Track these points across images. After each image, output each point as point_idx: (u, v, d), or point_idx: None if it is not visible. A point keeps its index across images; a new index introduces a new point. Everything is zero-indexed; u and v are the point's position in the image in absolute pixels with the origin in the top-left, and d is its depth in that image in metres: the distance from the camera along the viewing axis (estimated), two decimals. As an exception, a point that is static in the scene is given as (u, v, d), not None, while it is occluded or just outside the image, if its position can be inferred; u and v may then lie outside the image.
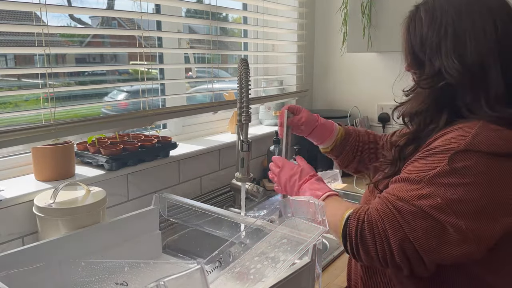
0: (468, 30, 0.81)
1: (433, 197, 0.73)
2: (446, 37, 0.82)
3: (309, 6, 2.24)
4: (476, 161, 0.73)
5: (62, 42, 1.52)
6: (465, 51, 0.80)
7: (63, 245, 0.98)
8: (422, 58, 0.86)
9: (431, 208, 0.73)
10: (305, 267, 0.85)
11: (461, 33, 0.81)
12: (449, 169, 0.74)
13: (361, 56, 2.17)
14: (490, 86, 0.79)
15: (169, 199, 1.20)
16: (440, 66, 0.82)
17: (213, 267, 0.82)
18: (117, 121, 1.34)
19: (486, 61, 0.79)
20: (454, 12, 0.82)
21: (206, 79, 1.78)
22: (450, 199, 0.73)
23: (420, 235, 0.73)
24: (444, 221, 0.73)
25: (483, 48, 0.80)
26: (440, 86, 0.82)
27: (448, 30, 0.82)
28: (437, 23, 0.84)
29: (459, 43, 0.81)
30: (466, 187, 0.73)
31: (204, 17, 1.71)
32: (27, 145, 1.13)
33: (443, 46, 0.82)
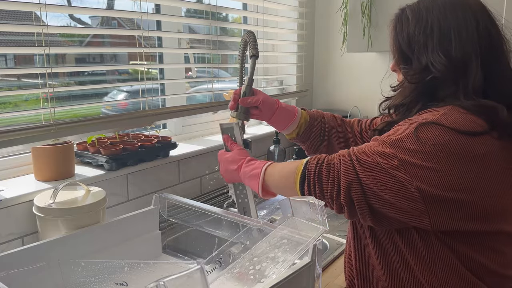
0: (453, 27, 0.87)
1: (391, 157, 0.80)
2: (432, 34, 0.88)
3: (309, 6, 2.24)
4: (439, 133, 0.79)
5: (62, 42, 1.52)
6: (450, 46, 0.86)
7: (63, 245, 0.98)
8: (410, 55, 0.91)
9: (388, 166, 0.80)
10: (305, 267, 0.85)
11: (446, 30, 0.87)
12: (413, 136, 0.80)
13: (361, 56, 2.17)
14: (470, 78, 0.85)
15: (169, 199, 1.20)
16: (427, 61, 0.87)
17: (213, 267, 0.82)
18: (117, 121, 1.34)
19: (469, 56, 0.85)
20: (438, 11, 0.88)
21: (206, 79, 1.78)
22: (406, 161, 0.79)
23: (371, 182, 0.80)
24: (398, 177, 0.79)
25: (466, 44, 0.86)
26: (426, 80, 0.88)
27: (434, 28, 0.88)
28: (423, 22, 0.89)
29: (444, 39, 0.87)
30: (424, 155, 0.78)
31: (204, 17, 1.71)
32: (27, 145, 1.13)
33: (430, 43, 0.88)
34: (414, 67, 0.90)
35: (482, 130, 0.80)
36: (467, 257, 0.84)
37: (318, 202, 0.86)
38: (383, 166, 0.80)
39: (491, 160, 0.80)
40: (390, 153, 0.80)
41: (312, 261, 0.87)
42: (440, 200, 0.78)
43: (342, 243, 1.36)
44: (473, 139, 0.79)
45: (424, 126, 0.81)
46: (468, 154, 0.78)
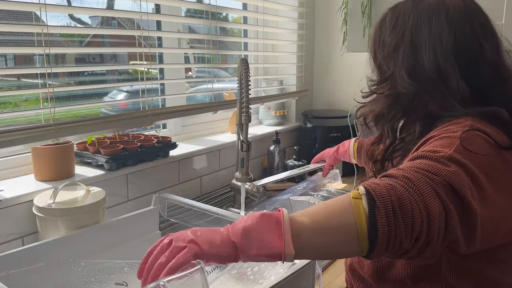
0: (425, 38, 0.82)
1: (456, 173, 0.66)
2: (402, 44, 0.84)
3: (309, 6, 2.24)
4: (485, 145, 0.72)
5: (62, 42, 1.52)
6: (422, 60, 0.82)
7: (63, 245, 0.97)
8: (381, 62, 0.88)
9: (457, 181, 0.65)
10: (305, 267, 0.85)
11: (418, 42, 0.83)
12: (462, 148, 0.70)
13: (361, 56, 2.16)
14: (453, 90, 0.80)
15: (169, 199, 1.20)
16: (392, 73, 0.84)
17: (213, 267, 0.82)
18: (117, 121, 1.34)
19: (444, 68, 0.80)
20: (413, 20, 0.84)
21: (206, 79, 1.78)
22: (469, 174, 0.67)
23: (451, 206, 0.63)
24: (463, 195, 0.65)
25: (440, 56, 0.81)
26: (391, 94, 0.83)
27: (404, 37, 0.84)
28: (397, 29, 0.86)
29: (415, 51, 0.82)
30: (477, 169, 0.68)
31: (204, 17, 1.71)
32: (26, 145, 1.13)
33: (399, 53, 0.84)
34: (382, 76, 0.87)
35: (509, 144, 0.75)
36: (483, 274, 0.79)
37: (318, 202, 0.86)
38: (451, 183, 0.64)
39: None
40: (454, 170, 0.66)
41: (312, 261, 0.87)
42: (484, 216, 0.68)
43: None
44: (505, 152, 0.75)
45: (468, 135, 0.72)
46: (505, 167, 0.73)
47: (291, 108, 2.25)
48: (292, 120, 2.25)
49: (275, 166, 1.92)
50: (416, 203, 0.62)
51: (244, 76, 1.11)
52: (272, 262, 0.79)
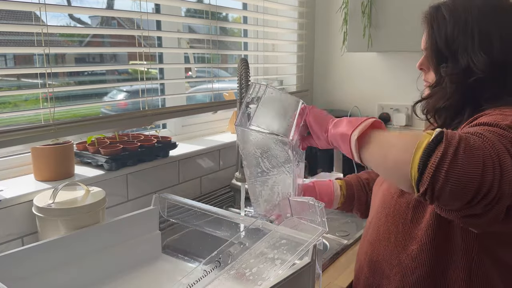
0: (493, 30, 0.85)
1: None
2: (472, 35, 0.85)
3: (309, 6, 2.24)
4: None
5: (62, 42, 1.52)
6: (492, 48, 0.84)
7: (62, 245, 0.97)
8: (448, 55, 0.88)
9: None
10: (306, 267, 0.85)
11: (487, 32, 0.85)
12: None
13: (362, 56, 2.16)
14: (508, 83, 0.84)
15: (169, 199, 1.20)
16: (468, 62, 0.85)
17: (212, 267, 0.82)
18: (117, 121, 1.34)
19: (509, 59, 0.84)
20: (478, 12, 0.86)
21: (206, 79, 1.78)
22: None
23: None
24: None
25: (508, 46, 0.84)
26: (469, 82, 0.84)
27: (474, 29, 0.85)
28: (461, 22, 0.86)
29: (485, 41, 0.84)
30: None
31: (204, 17, 1.71)
32: (26, 145, 1.13)
33: (470, 44, 0.85)
34: (454, 66, 0.87)
35: None
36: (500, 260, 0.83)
37: (318, 203, 0.86)
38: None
39: None
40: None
41: (312, 261, 0.87)
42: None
43: (342, 243, 1.35)
44: None
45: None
46: None
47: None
48: (292, 120, 2.25)
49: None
50: (489, 153, 0.61)
51: (244, 76, 1.11)
52: (271, 263, 0.80)
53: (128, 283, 1.06)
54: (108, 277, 1.06)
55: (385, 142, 0.73)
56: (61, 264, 0.97)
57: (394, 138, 0.72)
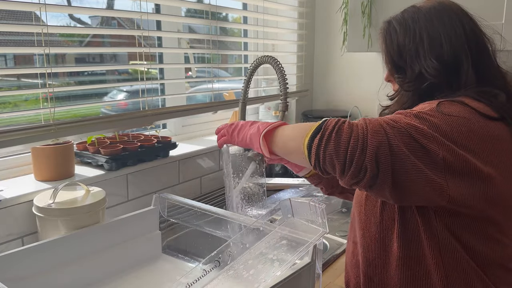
0: (441, 32, 0.90)
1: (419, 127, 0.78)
2: (422, 42, 0.91)
3: (309, 6, 2.24)
4: (460, 109, 0.82)
5: (62, 42, 1.52)
6: (441, 51, 0.89)
7: (63, 245, 0.97)
8: (402, 65, 0.94)
9: (417, 134, 0.77)
10: (305, 267, 0.85)
11: (435, 36, 0.90)
12: (436, 110, 0.81)
13: (361, 56, 2.16)
14: (462, 77, 0.89)
15: (169, 199, 1.20)
16: (420, 68, 0.90)
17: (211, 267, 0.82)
18: (117, 121, 1.34)
19: (459, 57, 0.89)
20: (425, 20, 0.92)
21: (206, 79, 1.78)
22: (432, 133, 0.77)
23: (399, 146, 0.75)
24: (426, 145, 0.76)
25: (457, 46, 0.89)
26: (423, 87, 0.91)
27: (423, 36, 0.91)
28: (411, 31, 0.93)
29: (435, 45, 0.90)
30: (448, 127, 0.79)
31: (204, 17, 1.71)
32: (26, 145, 1.13)
33: (421, 50, 0.91)
34: (408, 75, 0.93)
35: (497, 116, 0.83)
36: (471, 247, 0.85)
37: (318, 204, 0.86)
38: (412, 133, 0.76)
39: (505, 143, 0.83)
40: (418, 123, 0.78)
41: (312, 261, 0.87)
42: (462, 173, 0.78)
43: (342, 243, 1.36)
44: (489, 121, 0.82)
45: (446, 102, 0.83)
46: (487, 133, 0.81)
47: (291, 108, 2.25)
48: (292, 120, 2.25)
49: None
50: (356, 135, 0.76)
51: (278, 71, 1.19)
52: (271, 264, 0.80)
53: (128, 283, 1.06)
54: (108, 277, 1.06)
55: (284, 135, 0.91)
56: (61, 264, 0.97)
57: (291, 131, 0.90)
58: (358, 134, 0.76)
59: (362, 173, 0.76)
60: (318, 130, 0.80)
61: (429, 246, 0.85)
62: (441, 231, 0.84)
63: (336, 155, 0.77)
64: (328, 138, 0.78)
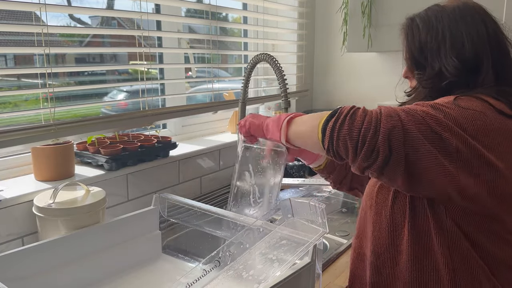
0: (464, 31, 0.91)
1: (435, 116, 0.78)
2: (444, 40, 0.92)
3: (309, 6, 2.24)
4: (477, 104, 0.82)
5: (62, 42, 1.52)
6: (463, 49, 0.90)
7: (63, 245, 0.97)
8: (423, 62, 0.95)
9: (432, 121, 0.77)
10: (306, 267, 0.85)
11: (458, 35, 0.91)
12: (453, 103, 0.81)
13: (361, 56, 2.16)
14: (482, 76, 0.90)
15: (169, 199, 1.20)
16: (440, 66, 0.91)
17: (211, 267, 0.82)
18: (117, 121, 1.34)
19: (480, 56, 0.90)
20: (448, 19, 0.93)
21: (206, 79, 1.78)
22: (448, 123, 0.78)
23: (413, 131, 0.76)
24: (440, 133, 0.76)
25: (478, 45, 0.90)
26: (442, 86, 0.91)
27: (445, 34, 0.92)
28: (434, 30, 0.94)
29: (457, 43, 0.91)
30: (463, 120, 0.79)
31: (204, 17, 1.71)
32: (26, 145, 1.13)
33: (442, 49, 0.92)
34: (427, 72, 0.94)
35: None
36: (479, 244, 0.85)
37: (318, 204, 0.86)
38: (427, 120, 0.77)
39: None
40: (434, 113, 0.78)
41: (312, 261, 0.87)
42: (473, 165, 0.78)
43: (342, 243, 1.36)
44: (505, 118, 0.83)
45: (464, 97, 0.84)
46: (502, 128, 0.81)
47: (291, 108, 2.25)
48: (292, 120, 2.25)
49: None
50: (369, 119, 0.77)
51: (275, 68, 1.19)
52: (271, 264, 0.80)
53: (128, 283, 1.06)
54: (108, 277, 1.06)
55: (300, 122, 0.93)
56: (61, 264, 0.97)
57: (307, 118, 0.92)
58: (372, 117, 0.78)
59: (374, 155, 0.76)
60: (333, 114, 0.82)
61: (438, 241, 0.85)
62: (451, 227, 0.85)
63: (350, 136, 0.78)
64: (342, 121, 0.80)
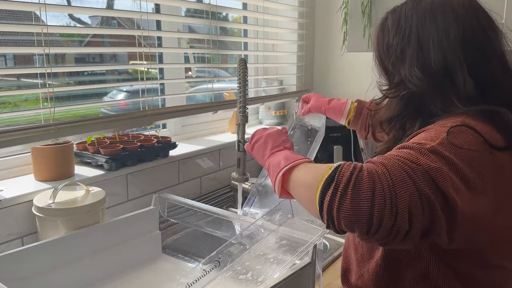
0: (432, 36, 0.81)
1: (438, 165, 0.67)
2: (409, 44, 0.83)
3: (309, 6, 2.24)
4: (472, 139, 0.72)
5: (62, 42, 1.52)
6: (429, 57, 0.80)
7: (62, 245, 0.98)
8: (389, 66, 0.87)
9: (438, 175, 0.65)
10: (306, 267, 0.85)
11: (424, 40, 0.81)
12: (447, 142, 0.70)
13: (362, 56, 2.16)
14: (459, 87, 0.79)
15: (169, 199, 1.20)
16: (404, 74, 0.82)
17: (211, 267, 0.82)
18: (117, 121, 1.34)
19: (451, 64, 0.79)
20: (417, 19, 0.83)
21: (206, 79, 1.78)
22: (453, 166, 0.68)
23: (432, 198, 0.64)
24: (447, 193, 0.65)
25: (447, 52, 0.79)
26: (405, 94, 0.82)
27: (411, 37, 0.83)
28: (401, 31, 0.84)
29: (422, 50, 0.81)
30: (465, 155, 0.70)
31: (204, 17, 1.71)
32: (26, 145, 1.13)
33: (407, 54, 0.83)
34: (391, 80, 0.87)
35: (504, 145, 0.74)
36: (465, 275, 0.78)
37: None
38: (434, 177, 0.64)
39: (510, 174, 0.75)
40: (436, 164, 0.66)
41: (312, 261, 0.87)
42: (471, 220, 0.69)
43: (342, 243, 1.36)
44: (497, 152, 0.73)
45: (455, 130, 0.72)
46: (497, 168, 0.73)
47: (291, 108, 2.25)
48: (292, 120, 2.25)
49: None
50: (380, 187, 0.62)
51: (242, 76, 1.11)
52: (271, 264, 0.80)
53: (128, 283, 1.06)
54: (108, 277, 1.06)
55: (298, 179, 0.77)
56: (61, 264, 0.97)
57: (304, 175, 0.76)
58: (384, 188, 0.62)
59: (392, 235, 0.62)
60: (331, 180, 0.64)
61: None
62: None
63: (357, 216, 0.61)
64: (343, 193, 0.62)
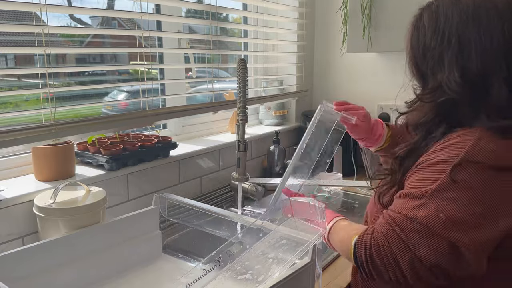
0: (474, 39, 0.76)
1: (436, 213, 0.72)
2: (449, 47, 0.78)
3: (309, 6, 2.24)
4: (476, 172, 0.71)
5: (62, 42, 1.52)
6: (469, 62, 0.76)
7: (63, 245, 0.98)
8: (425, 70, 0.83)
9: (436, 224, 0.71)
10: (305, 267, 0.85)
11: (465, 43, 0.76)
12: (450, 181, 0.72)
13: (361, 56, 2.17)
14: (492, 97, 0.76)
15: (169, 199, 1.20)
16: (442, 79, 0.78)
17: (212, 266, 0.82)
18: (117, 121, 1.34)
19: (490, 71, 0.75)
20: (459, 18, 0.77)
21: (206, 79, 1.78)
22: (452, 215, 0.71)
23: (429, 253, 0.72)
24: (449, 237, 0.71)
25: (489, 57, 0.75)
26: (441, 101, 0.79)
27: (451, 39, 0.77)
28: (440, 31, 0.79)
29: (463, 54, 0.76)
30: (464, 201, 0.71)
31: (204, 17, 1.71)
32: (27, 145, 1.13)
33: (446, 57, 0.78)
34: (428, 85, 0.82)
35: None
36: None
37: (318, 204, 0.87)
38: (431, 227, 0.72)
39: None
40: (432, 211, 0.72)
41: (312, 261, 0.87)
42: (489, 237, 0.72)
43: (342, 243, 1.36)
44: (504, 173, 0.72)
45: (460, 168, 0.72)
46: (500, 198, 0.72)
47: (291, 108, 2.26)
48: (292, 120, 2.26)
49: (275, 166, 1.92)
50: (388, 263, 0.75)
51: (241, 76, 1.12)
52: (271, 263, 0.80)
53: (129, 283, 1.07)
54: (108, 277, 1.06)
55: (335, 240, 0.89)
56: (61, 264, 0.97)
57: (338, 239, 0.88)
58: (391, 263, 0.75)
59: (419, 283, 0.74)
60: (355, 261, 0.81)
61: None
62: None
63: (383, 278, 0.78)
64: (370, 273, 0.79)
